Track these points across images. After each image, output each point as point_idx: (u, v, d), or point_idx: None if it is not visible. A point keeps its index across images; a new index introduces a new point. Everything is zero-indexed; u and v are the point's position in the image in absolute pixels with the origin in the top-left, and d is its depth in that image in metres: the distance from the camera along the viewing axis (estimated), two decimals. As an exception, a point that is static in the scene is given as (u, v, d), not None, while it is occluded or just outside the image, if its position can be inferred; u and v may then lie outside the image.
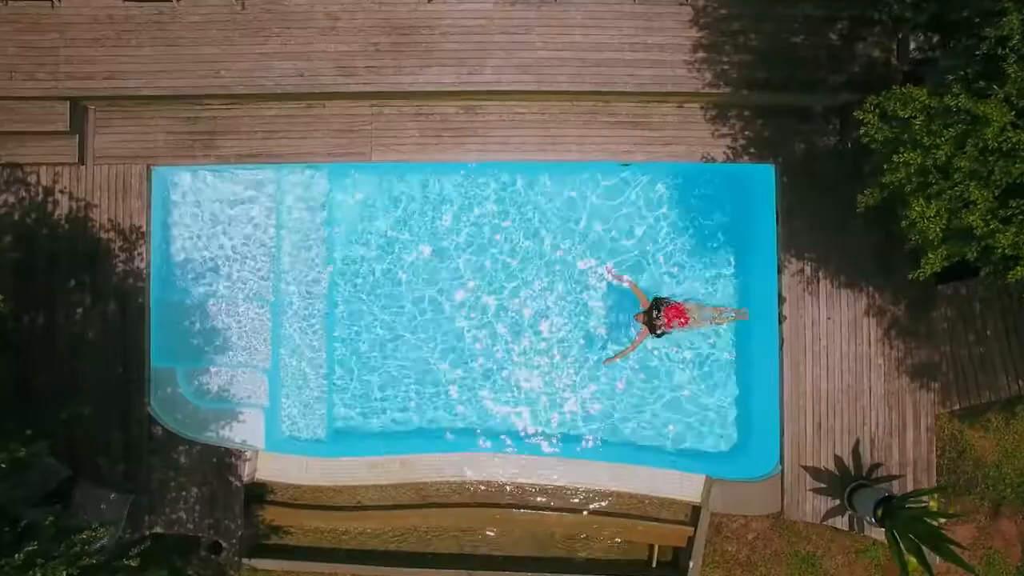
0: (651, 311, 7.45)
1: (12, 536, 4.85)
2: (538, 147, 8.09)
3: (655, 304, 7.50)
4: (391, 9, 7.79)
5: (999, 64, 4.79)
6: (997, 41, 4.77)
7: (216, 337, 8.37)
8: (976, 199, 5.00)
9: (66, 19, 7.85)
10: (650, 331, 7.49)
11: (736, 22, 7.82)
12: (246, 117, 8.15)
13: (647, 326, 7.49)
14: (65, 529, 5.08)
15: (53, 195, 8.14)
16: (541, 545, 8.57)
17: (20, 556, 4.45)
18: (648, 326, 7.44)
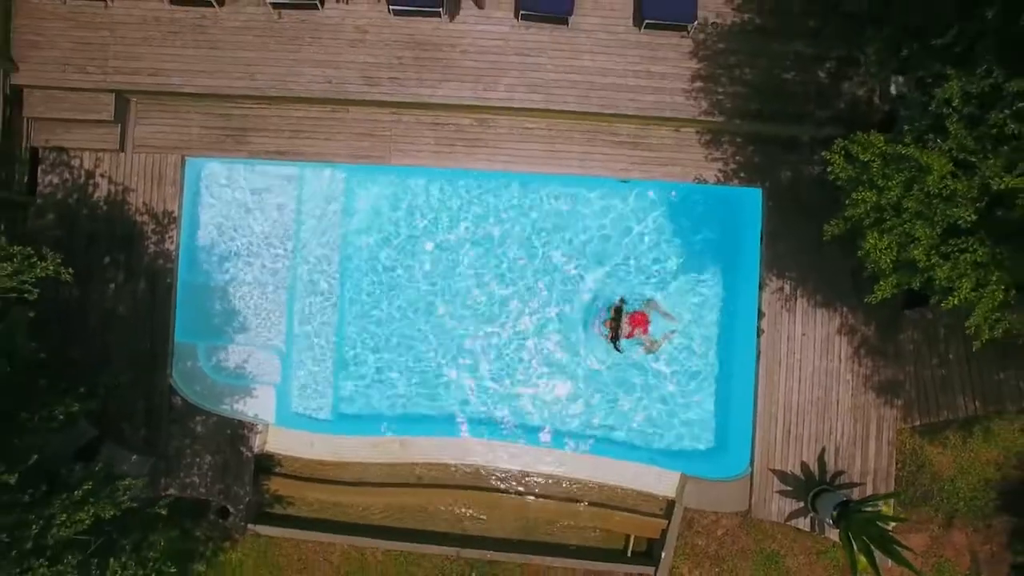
0: (616, 319, 8.35)
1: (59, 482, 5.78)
2: (544, 160, 9.03)
3: (619, 313, 8.41)
4: (416, 26, 8.73)
5: (943, 121, 5.70)
6: (943, 101, 5.68)
7: (235, 317, 9.32)
8: (920, 236, 5.92)
9: (117, 19, 8.80)
10: (611, 333, 8.43)
11: (733, 56, 8.75)
12: (275, 117, 9.09)
13: (612, 333, 8.42)
14: (110, 476, 6.03)
15: (94, 178, 9.09)
16: (525, 529, 9.50)
17: (79, 493, 5.39)
18: (612, 330, 8.37)
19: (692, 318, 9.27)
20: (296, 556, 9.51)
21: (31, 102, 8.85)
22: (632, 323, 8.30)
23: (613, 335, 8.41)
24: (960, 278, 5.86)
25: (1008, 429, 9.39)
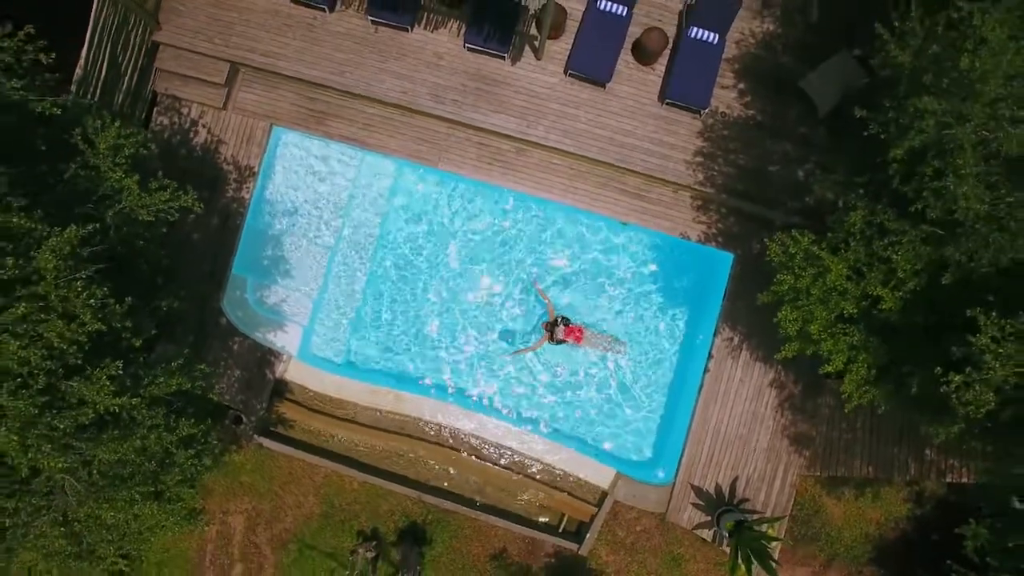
0: (555, 324, 10.97)
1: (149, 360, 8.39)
2: (562, 192, 11.68)
3: (562, 320, 11.03)
4: (483, 62, 11.43)
5: (848, 238, 8.32)
6: (851, 224, 8.29)
7: (283, 263, 12.00)
8: (817, 317, 8.53)
9: (245, 5, 11.55)
10: (550, 338, 11.05)
11: (732, 143, 11.40)
12: (353, 109, 11.78)
13: (548, 333, 11.04)
14: (190, 361, 8.68)
15: (196, 127, 11.81)
16: (479, 491, 12.10)
17: (175, 364, 8.02)
18: (549, 334, 10.99)
19: (654, 347, 11.87)
20: (287, 470, 12.16)
21: (163, 56, 11.60)
22: (567, 333, 10.90)
23: (549, 336, 11.03)
24: (837, 353, 8.47)
25: (894, 496, 11.97)
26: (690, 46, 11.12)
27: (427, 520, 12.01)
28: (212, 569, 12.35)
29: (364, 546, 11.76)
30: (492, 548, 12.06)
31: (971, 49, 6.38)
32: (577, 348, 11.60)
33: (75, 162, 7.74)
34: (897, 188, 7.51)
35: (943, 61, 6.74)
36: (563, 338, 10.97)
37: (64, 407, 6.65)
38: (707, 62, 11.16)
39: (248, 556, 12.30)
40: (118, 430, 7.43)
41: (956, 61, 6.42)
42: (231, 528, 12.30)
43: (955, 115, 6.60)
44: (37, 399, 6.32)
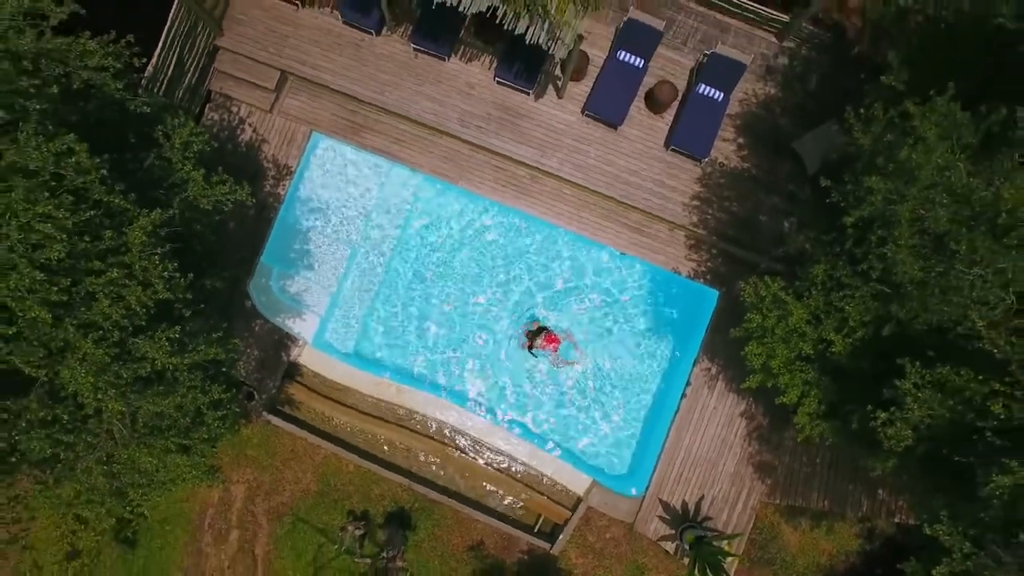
0: (537, 333, 12.58)
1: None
2: (568, 219, 13.35)
3: (541, 329, 12.66)
4: (509, 96, 13.17)
5: (810, 288, 9.94)
6: (814, 276, 9.91)
7: (308, 256, 13.66)
8: (779, 354, 10.13)
9: (301, 21, 13.34)
10: (529, 346, 12.66)
11: (727, 191, 13.08)
12: (387, 124, 13.51)
13: (529, 342, 12.66)
14: (227, 334, 10.29)
15: (243, 125, 13.55)
16: (464, 484, 13.62)
17: (216, 335, 9.62)
18: (529, 339, 12.57)
19: (639, 370, 13.45)
20: (290, 447, 13.72)
21: (221, 59, 13.37)
22: (547, 340, 12.54)
23: (530, 344, 12.67)
24: (792, 387, 10.06)
25: (846, 530, 13.47)
26: (697, 100, 12.85)
27: (414, 507, 13.53)
28: (210, 532, 13.86)
29: (353, 524, 13.28)
30: (471, 539, 13.56)
31: (912, 143, 8.03)
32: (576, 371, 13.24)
33: (152, 153, 9.42)
34: (851, 249, 9.14)
35: (893, 148, 8.38)
36: (543, 345, 12.61)
37: (129, 360, 8.23)
38: (711, 116, 12.87)
39: (245, 524, 13.81)
40: (163, 387, 9.03)
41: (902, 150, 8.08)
42: (232, 496, 13.83)
43: (897, 194, 8.23)
44: (111, 350, 7.90)
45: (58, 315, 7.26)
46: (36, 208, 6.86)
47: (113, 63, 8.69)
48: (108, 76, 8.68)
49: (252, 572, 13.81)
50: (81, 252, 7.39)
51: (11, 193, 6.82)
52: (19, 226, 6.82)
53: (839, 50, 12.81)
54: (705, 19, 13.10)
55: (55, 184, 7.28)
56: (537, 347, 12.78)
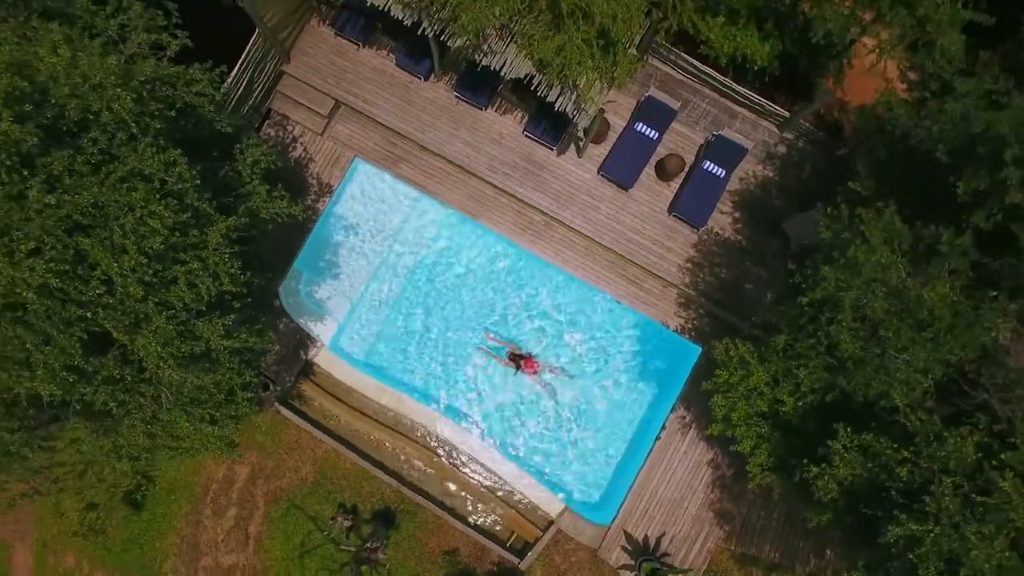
0: (516, 356, 14.78)
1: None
2: (574, 265, 15.51)
3: (524, 354, 14.85)
4: (534, 149, 15.47)
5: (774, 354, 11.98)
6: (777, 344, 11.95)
7: (335, 267, 15.84)
8: (738, 408, 12.13)
9: (360, 59, 15.78)
10: (514, 365, 14.86)
11: (718, 258, 15.23)
12: (423, 160, 15.82)
13: (512, 361, 14.88)
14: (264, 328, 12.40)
15: (295, 143, 15.90)
16: (447, 493, 15.54)
17: (256, 327, 11.75)
18: (514, 362, 14.81)
19: (621, 409, 15.43)
20: (295, 439, 15.73)
21: (285, 83, 15.79)
22: (526, 364, 14.62)
23: (516, 365, 14.87)
24: (747, 439, 12.04)
25: (793, 583, 15.25)
26: (702, 175, 15.08)
27: (399, 508, 15.45)
28: (211, 506, 15.82)
29: (343, 516, 15.20)
30: (447, 545, 15.44)
31: (859, 243, 10.14)
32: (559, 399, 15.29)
33: (228, 165, 11.69)
34: (805, 325, 11.20)
35: (846, 244, 10.48)
36: (522, 368, 14.73)
37: (189, 337, 10.31)
38: (712, 190, 15.09)
39: (243, 503, 15.76)
40: (208, 364, 11.12)
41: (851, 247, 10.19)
42: (236, 475, 15.82)
43: (845, 283, 10.31)
44: (178, 327, 10.00)
45: (145, 293, 9.39)
46: (149, 207, 9.03)
47: (213, 92, 11.02)
48: (205, 100, 11.01)
49: (243, 548, 15.71)
50: (171, 245, 9.55)
51: (133, 193, 9.01)
52: (135, 219, 8.99)
53: (831, 147, 15.06)
54: (717, 104, 15.43)
55: (160, 188, 9.49)
56: (517, 369, 14.88)
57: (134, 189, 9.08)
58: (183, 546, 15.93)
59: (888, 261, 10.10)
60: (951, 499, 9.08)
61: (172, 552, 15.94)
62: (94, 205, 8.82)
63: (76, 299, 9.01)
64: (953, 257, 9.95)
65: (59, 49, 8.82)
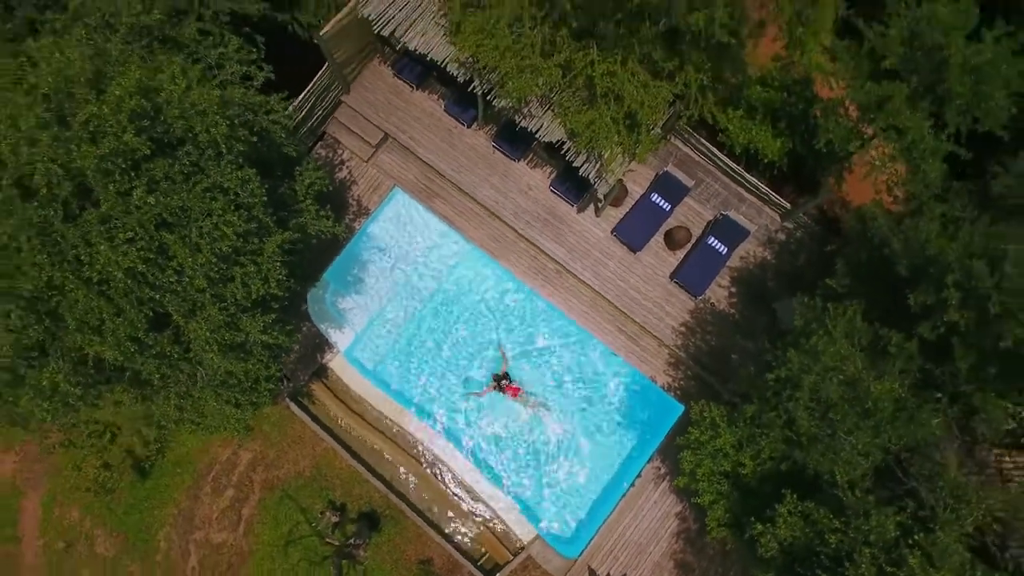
0: (503, 378, 16.64)
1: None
2: (579, 314, 17.52)
3: (507, 376, 16.69)
4: (557, 204, 17.63)
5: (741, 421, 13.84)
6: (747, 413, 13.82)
7: (360, 283, 17.97)
8: (704, 465, 13.97)
9: (412, 100, 18.14)
10: (497, 388, 16.69)
11: (710, 326, 17.19)
12: (455, 199, 18.02)
13: (496, 384, 16.67)
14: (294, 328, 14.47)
15: (342, 166, 18.19)
16: (429, 506, 17.36)
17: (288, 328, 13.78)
18: (497, 385, 16.61)
19: (601, 451, 17.26)
20: (298, 433, 17.69)
21: (342, 111, 18.14)
22: (508, 389, 16.52)
23: (496, 386, 16.74)
24: (707, 494, 13.84)
25: (739, 641, 16.82)
26: (705, 249, 17.13)
27: (384, 513, 17.28)
28: (211, 484, 17.74)
29: (331, 512, 17.05)
30: (423, 554, 17.21)
31: (822, 334, 12.07)
32: (545, 434, 17.17)
33: (286, 184, 13.89)
34: (770, 399, 13.09)
35: (813, 333, 12.41)
36: (504, 391, 16.68)
37: (233, 328, 12.36)
38: (713, 264, 17.12)
39: (241, 486, 17.67)
40: (243, 354, 13.17)
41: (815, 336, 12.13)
42: (238, 459, 17.77)
43: (806, 367, 12.21)
44: (226, 319, 12.05)
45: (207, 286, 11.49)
46: (225, 215, 11.17)
47: (286, 120, 13.28)
48: (279, 128, 13.27)
49: (235, 528, 17.58)
50: (236, 248, 11.66)
51: (213, 202, 11.17)
52: (211, 224, 11.11)
53: (825, 240, 17.07)
54: (727, 187, 17.55)
55: (235, 199, 11.66)
56: (500, 391, 16.84)
57: (214, 199, 11.26)
58: (179, 518, 17.82)
59: (846, 353, 12.03)
60: (867, 568, 10.84)
61: (168, 521, 17.84)
62: (181, 208, 10.98)
63: (151, 282, 11.12)
64: (900, 359, 11.86)
65: (177, 79, 11.07)
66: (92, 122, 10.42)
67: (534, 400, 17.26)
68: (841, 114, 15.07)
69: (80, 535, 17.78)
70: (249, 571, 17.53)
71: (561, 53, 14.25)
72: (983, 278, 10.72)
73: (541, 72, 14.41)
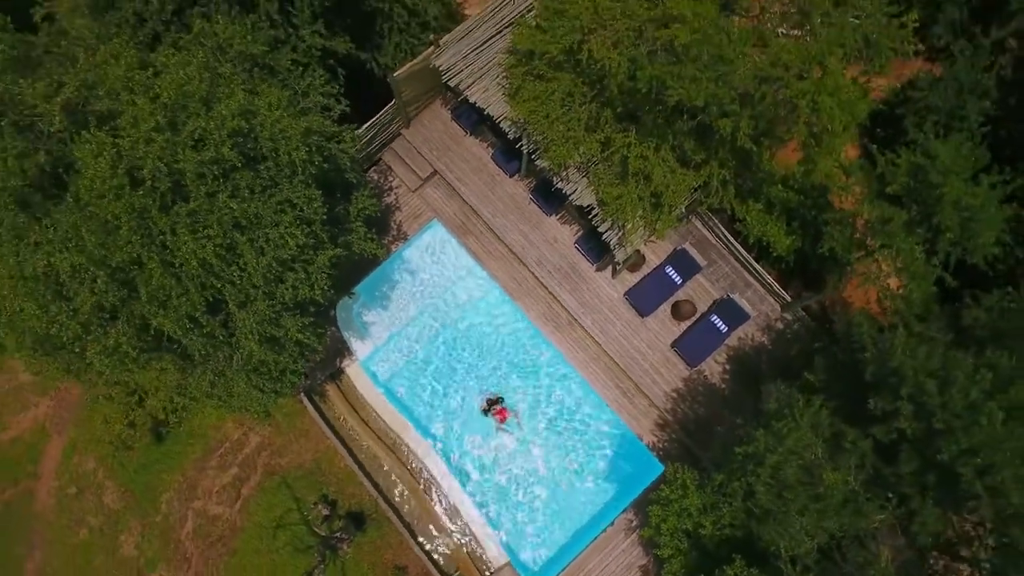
0: (496, 402, 18.63)
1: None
2: (580, 364, 19.58)
3: (498, 399, 18.67)
4: (578, 260, 19.84)
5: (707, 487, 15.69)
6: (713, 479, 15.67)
7: (387, 299, 20.21)
8: (670, 521, 15.81)
9: (463, 143, 20.59)
10: (488, 409, 18.68)
11: (701, 397, 19.13)
12: (486, 238, 20.30)
13: (488, 406, 18.74)
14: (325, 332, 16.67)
15: (390, 192, 20.62)
16: (414, 516, 19.28)
17: (320, 331, 16.00)
18: (488, 408, 18.64)
19: (580, 493, 19.12)
20: (306, 428, 19.84)
21: (398, 144, 20.64)
22: (497, 412, 18.47)
23: (486, 409, 18.72)
24: (667, 548, 15.66)
25: None
26: (707, 325, 19.15)
27: (371, 515, 19.25)
28: (218, 459, 19.88)
29: (323, 505, 19.07)
30: (400, 561, 19.11)
31: (788, 420, 13.98)
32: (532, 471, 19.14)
33: (341, 205, 16.23)
34: (736, 471, 14.96)
35: (781, 418, 14.31)
36: (495, 413, 18.66)
37: (275, 324, 14.57)
38: (713, 340, 19.12)
39: (245, 467, 19.79)
40: (277, 348, 15.37)
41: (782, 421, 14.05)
42: (247, 441, 19.91)
43: (771, 448, 14.09)
44: (271, 315, 14.27)
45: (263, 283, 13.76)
46: (290, 228, 13.48)
47: (353, 152, 15.68)
48: (346, 157, 15.67)
49: (232, 503, 19.64)
50: (293, 257, 13.93)
51: (283, 214, 13.51)
52: (278, 234, 13.42)
53: (817, 335, 19.01)
54: (736, 272, 19.63)
55: (300, 214, 13.98)
56: (491, 413, 18.80)
57: (284, 211, 13.59)
58: (183, 485, 19.95)
59: (808, 441, 13.93)
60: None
61: (173, 487, 19.97)
62: (255, 215, 13.29)
63: (217, 273, 13.40)
64: (855, 455, 13.72)
65: (272, 107, 13.50)
66: (198, 132, 12.82)
67: (521, 427, 19.21)
68: (848, 224, 17.15)
69: (92, 484, 19.96)
70: (237, 545, 19.54)
71: (603, 131, 16.57)
72: (932, 396, 12.62)
73: (582, 143, 16.73)
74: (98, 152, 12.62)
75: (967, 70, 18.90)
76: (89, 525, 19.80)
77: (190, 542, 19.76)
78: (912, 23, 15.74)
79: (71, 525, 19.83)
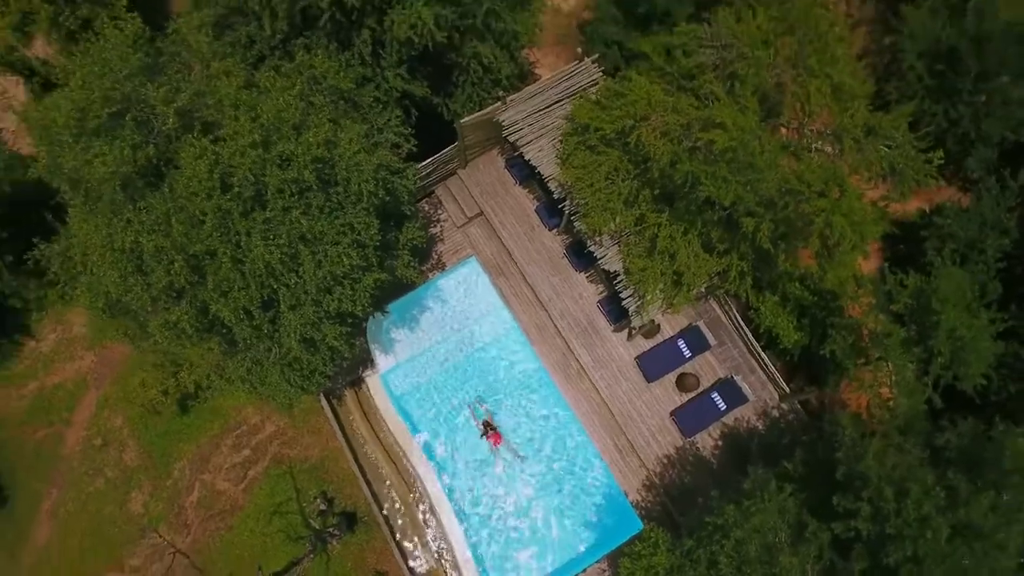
0: (489, 426, 20.61)
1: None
2: (583, 415, 21.55)
3: (492, 424, 20.65)
4: (598, 318, 21.94)
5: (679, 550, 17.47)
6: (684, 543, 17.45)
7: (415, 321, 22.47)
8: (636, 574, 17.60)
9: (511, 192, 22.98)
10: (484, 433, 20.65)
11: (690, 467, 20.94)
12: (517, 281, 22.52)
13: (484, 431, 20.74)
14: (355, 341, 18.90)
15: (436, 224, 23.02)
16: (403, 529, 21.23)
17: (355, 340, 18.22)
18: (484, 432, 20.63)
19: (558, 533, 20.93)
20: (319, 425, 22.04)
21: (452, 181, 23.08)
22: (490, 436, 20.40)
23: (483, 433, 20.62)
24: (635, 594, 17.46)
25: None
26: (707, 401, 21.03)
27: (364, 518, 21.28)
28: (233, 439, 22.14)
29: (321, 500, 21.16)
30: (381, 566, 21.07)
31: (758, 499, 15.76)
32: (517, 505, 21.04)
33: (392, 233, 18.58)
34: (703, 539, 16.73)
35: (752, 497, 16.08)
36: (489, 437, 20.58)
37: (316, 328, 16.84)
38: (710, 416, 20.99)
39: (257, 451, 22.00)
40: (313, 348, 17.62)
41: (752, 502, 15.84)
42: (263, 428, 22.15)
43: (737, 522, 15.86)
44: (315, 319, 16.56)
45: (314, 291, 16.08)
46: (348, 249, 15.80)
47: (413, 187, 18.07)
48: (405, 192, 18.05)
49: (238, 482, 21.82)
50: (344, 274, 16.24)
51: (343, 236, 15.86)
52: (336, 252, 15.75)
53: (807, 429, 20.75)
54: (743, 356, 21.53)
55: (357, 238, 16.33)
56: (486, 436, 20.77)
57: (344, 234, 15.95)
58: (197, 458, 22.20)
59: (773, 524, 15.70)
60: None
61: (187, 457, 22.24)
62: (320, 232, 15.66)
63: (277, 276, 15.75)
64: (815, 545, 15.46)
65: (352, 142, 15.94)
66: (286, 154, 15.27)
67: (519, 460, 21.13)
68: (854, 331, 19.00)
69: (116, 439, 22.33)
70: (235, 522, 21.67)
71: (639, 207, 18.75)
72: (888, 501, 14.37)
73: (619, 215, 18.91)
74: (199, 155, 15.11)
75: (992, 207, 20.79)
76: (106, 476, 22.11)
77: (192, 510, 21.92)
78: (938, 160, 17.83)
79: (90, 473, 22.15)
